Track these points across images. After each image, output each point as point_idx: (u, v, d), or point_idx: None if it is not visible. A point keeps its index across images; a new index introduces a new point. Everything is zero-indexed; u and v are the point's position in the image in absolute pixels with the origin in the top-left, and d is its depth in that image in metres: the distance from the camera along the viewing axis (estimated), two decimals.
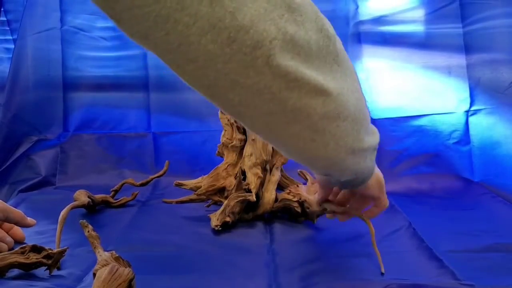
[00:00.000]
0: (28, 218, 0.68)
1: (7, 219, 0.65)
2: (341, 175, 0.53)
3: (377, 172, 0.56)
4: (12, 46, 1.06)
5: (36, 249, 0.57)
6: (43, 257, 0.57)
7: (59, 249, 0.59)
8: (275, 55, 0.35)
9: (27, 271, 0.57)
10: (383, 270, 0.58)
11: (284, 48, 0.35)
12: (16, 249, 0.57)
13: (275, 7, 0.34)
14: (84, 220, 0.58)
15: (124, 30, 0.33)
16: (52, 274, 0.57)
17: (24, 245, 0.57)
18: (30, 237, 0.69)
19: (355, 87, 0.44)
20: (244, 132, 0.84)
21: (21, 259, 0.56)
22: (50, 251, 0.57)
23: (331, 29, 0.40)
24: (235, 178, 0.81)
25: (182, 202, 0.87)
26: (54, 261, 0.57)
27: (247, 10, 0.32)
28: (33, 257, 0.56)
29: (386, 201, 0.59)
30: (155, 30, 0.32)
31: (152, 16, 0.31)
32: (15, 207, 0.85)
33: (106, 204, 0.86)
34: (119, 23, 0.33)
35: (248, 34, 0.33)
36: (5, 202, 0.91)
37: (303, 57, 0.37)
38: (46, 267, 0.57)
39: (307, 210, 0.75)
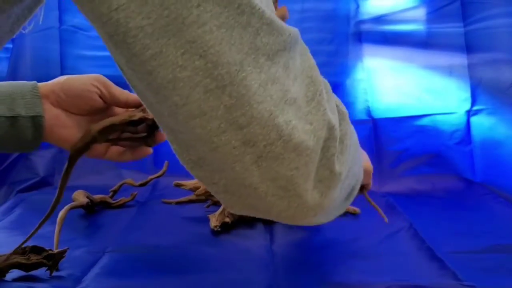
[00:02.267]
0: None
1: (112, 97, 0.52)
2: None
3: (364, 161, 0.54)
4: (11, 45, 1.06)
5: (36, 250, 0.57)
6: (44, 258, 0.56)
7: (59, 249, 0.59)
8: (267, 158, 0.32)
9: (27, 272, 0.57)
10: (386, 220, 0.62)
11: (282, 155, 0.32)
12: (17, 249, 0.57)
13: (282, 112, 0.31)
14: None
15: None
16: (52, 275, 0.57)
17: (24, 246, 0.57)
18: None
19: (351, 176, 0.41)
20: None
21: (21, 259, 0.56)
22: (50, 252, 0.57)
23: (348, 141, 0.37)
24: None
25: (181, 202, 0.87)
26: (54, 262, 0.57)
27: (248, 108, 0.30)
28: (34, 258, 0.56)
29: (370, 185, 0.62)
30: (148, 94, 0.31)
31: (144, 82, 0.30)
32: (14, 208, 0.85)
33: (105, 204, 0.85)
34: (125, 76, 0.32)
35: (241, 131, 0.30)
36: (4, 202, 0.92)
37: (303, 168, 0.33)
38: (47, 267, 0.57)
39: None
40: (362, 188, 0.62)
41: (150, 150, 0.55)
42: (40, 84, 0.50)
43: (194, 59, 0.28)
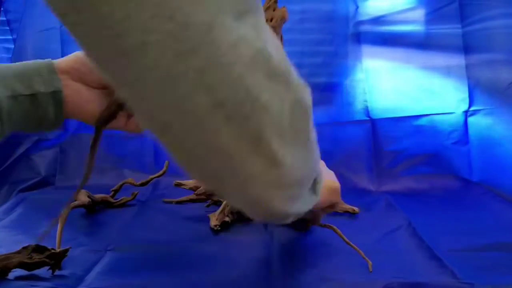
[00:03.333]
0: None
1: None
2: (279, 222, 0.52)
3: (328, 181, 0.54)
4: (12, 46, 1.06)
5: (38, 249, 0.57)
6: (46, 257, 0.57)
7: (62, 249, 0.59)
8: (236, 117, 0.32)
9: (29, 271, 0.57)
10: (371, 269, 0.59)
11: (251, 114, 0.32)
12: (19, 249, 0.57)
13: (251, 72, 0.31)
14: None
15: (84, 51, 0.31)
16: (54, 274, 0.57)
17: (26, 245, 0.58)
18: (31, 237, 0.69)
19: (313, 158, 0.41)
20: None
21: (24, 259, 0.56)
22: (53, 251, 0.57)
23: (308, 100, 0.37)
24: None
25: (182, 202, 0.88)
26: (56, 261, 0.57)
27: (218, 70, 0.29)
28: (36, 257, 0.56)
29: (339, 205, 0.61)
30: (113, 62, 0.30)
31: (111, 48, 0.29)
32: (15, 207, 0.86)
33: (106, 204, 0.86)
34: (80, 44, 0.31)
35: (211, 92, 0.30)
36: (5, 202, 0.92)
37: (270, 127, 0.33)
38: (49, 267, 0.57)
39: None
40: (332, 206, 0.63)
41: None
42: (57, 60, 0.49)
43: (163, 22, 0.27)
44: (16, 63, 0.48)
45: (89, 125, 0.51)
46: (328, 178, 0.56)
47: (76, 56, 0.50)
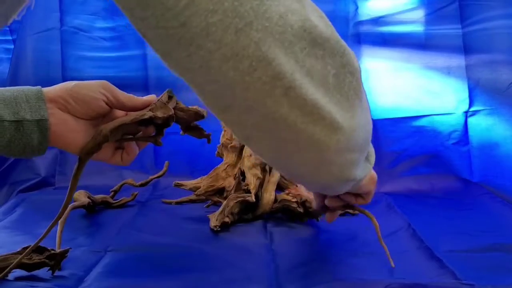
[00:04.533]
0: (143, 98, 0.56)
1: (118, 102, 0.53)
2: (335, 192, 0.57)
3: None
4: (12, 46, 1.06)
5: (38, 249, 0.57)
6: (46, 258, 0.57)
7: (62, 249, 0.59)
8: (294, 87, 0.35)
9: (29, 271, 0.57)
10: (393, 265, 0.59)
11: (303, 81, 0.35)
12: (19, 249, 0.57)
13: (299, 40, 0.34)
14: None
15: (149, 44, 0.34)
16: (54, 274, 0.57)
17: (26, 246, 0.57)
18: (31, 238, 0.69)
19: (367, 120, 0.44)
20: None
21: (23, 259, 0.56)
22: (52, 252, 0.57)
23: (355, 64, 0.40)
24: (235, 179, 0.81)
25: (181, 202, 0.88)
26: (56, 261, 0.57)
27: (271, 41, 0.32)
28: (36, 258, 0.56)
29: (372, 195, 0.62)
30: (178, 51, 0.33)
31: (176, 38, 0.32)
32: (15, 208, 0.86)
33: (105, 204, 0.86)
34: (144, 38, 0.34)
35: (270, 65, 0.33)
36: (5, 202, 0.92)
37: (322, 91, 0.37)
38: (49, 267, 0.57)
39: (309, 209, 0.75)
40: (369, 193, 0.61)
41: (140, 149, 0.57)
42: (46, 88, 0.50)
43: (222, 1, 0.30)
44: (8, 88, 0.49)
45: (73, 154, 0.51)
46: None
47: (66, 87, 0.51)
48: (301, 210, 0.76)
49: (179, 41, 0.32)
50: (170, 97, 0.56)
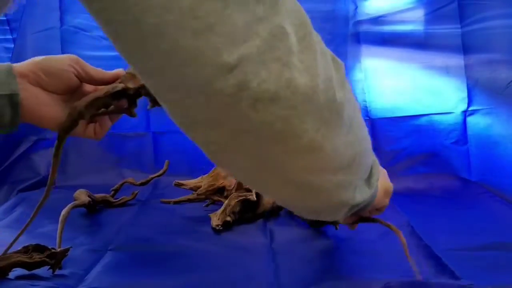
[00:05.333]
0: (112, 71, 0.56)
1: (87, 75, 0.54)
2: (333, 218, 0.52)
3: (383, 181, 0.53)
4: (12, 45, 1.06)
5: (39, 248, 0.57)
6: (46, 257, 0.57)
7: (62, 248, 0.59)
8: (262, 100, 0.30)
9: (30, 270, 0.57)
10: (418, 276, 0.56)
11: (276, 94, 0.30)
12: (19, 248, 0.58)
13: (270, 49, 0.29)
14: None
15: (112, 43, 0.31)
16: (54, 273, 0.58)
17: (27, 245, 0.58)
18: (32, 237, 0.69)
19: (356, 137, 0.39)
20: None
21: (24, 258, 0.56)
22: (53, 251, 0.58)
23: (341, 72, 0.36)
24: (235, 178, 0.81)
25: (180, 202, 0.88)
26: (57, 260, 0.58)
27: (237, 47, 0.28)
28: (36, 257, 0.56)
29: (386, 204, 0.58)
30: (136, 51, 0.30)
31: (132, 35, 0.28)
32: (15, 207, 0.86)
33: (106, 203, 0.86)
34: (107, 36, 0.31)
35: (232, 73, 0.29)
36: (5, 202, 0.92)
37: (300, 107, 0.32)
38: (49, 266, 0.57)
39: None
40: (381, 209, 0.59)
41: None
42: (16, 64, 0.50)
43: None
44: None
45: (46, 129, 0.52)
46: (382, 177, 0.53)
47: (35, 60, 0.51)
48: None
49: (136, 39, 0.28)
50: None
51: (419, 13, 1.05)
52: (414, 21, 1.05)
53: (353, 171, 0.41)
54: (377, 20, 1.06)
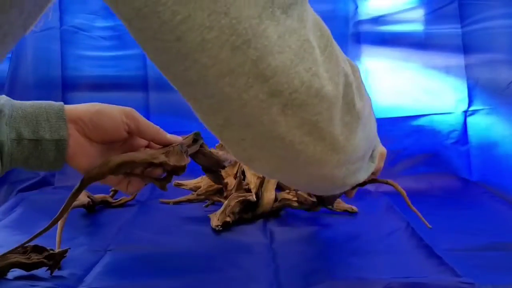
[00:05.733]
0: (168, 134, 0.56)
1: (140, 133, 0.54)
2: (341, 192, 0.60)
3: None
4: None
5: (37, 249, 0.57)
6: (45, 258, 0.57)
7: (61, 249, 0.59)
8: (292, 106, 0.34)
9: (28, 271, 0.57)
10: (429, 226, 0.62)
11: (305, 101, 0.34)
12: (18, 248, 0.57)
13: (301, 61, 0.33)
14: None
15: (148, 56, 0.34)
16: (53, 274, 0.57)
17: (25, 245, 0.57)
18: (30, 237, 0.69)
19: (370, 126, 0.45)
20: None
21: (22, 259, 0.56)
22: (51, 252, 0.57)
23: (354, 74, 0.40)
24: (235, 178, 0.81)
25: (179, 202, 0.88)
26: (55, 261, 0.57)
27: (271, 60, 0.32)
28: (35, 258, 0.56)
29: (381, 167, 0.62)
30: (175, 64, 0.32)
31: (173, 51, 0.31)
32: (14, 207, 0.86)
33: (105, 204, 0.86)
34: (143, 49, 0.33)
35: (267, 82, 0.32)
36: (5, 202, 0.92)
37: (326, 113, 0.36)
38: (48, 267, 0.57)
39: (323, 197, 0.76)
40: (375, 173, 0.62)
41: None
42: (68, 107, 0.50)
43: (219, 18, 0.30)
44: (31, 102, 0.50)
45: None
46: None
47: (89, 110, 0.51)
48: (313, 199, 0.76)
49: (176, 55, 0.31)
50: (195, 140, 0.56)
51: (419, 13, 1.05)
52: (414, 21, 1.05)
53: (366, 157, 0.47)
54: (377, 20, 1.06)
